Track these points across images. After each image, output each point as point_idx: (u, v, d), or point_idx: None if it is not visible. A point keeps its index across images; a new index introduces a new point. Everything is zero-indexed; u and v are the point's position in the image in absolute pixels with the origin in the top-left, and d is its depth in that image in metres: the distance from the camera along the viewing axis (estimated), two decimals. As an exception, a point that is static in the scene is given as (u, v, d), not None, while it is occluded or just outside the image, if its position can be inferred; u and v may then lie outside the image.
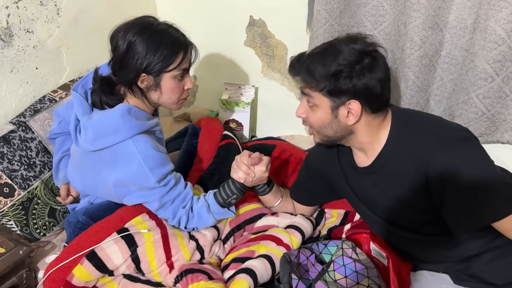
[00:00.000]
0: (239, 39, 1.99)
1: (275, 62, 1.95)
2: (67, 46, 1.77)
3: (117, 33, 1.27)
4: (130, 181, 1.27)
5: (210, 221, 1.35)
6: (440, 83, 1.58)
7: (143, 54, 1.23)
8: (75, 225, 1.38)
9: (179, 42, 1.28)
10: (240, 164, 1.30)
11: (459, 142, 1.05)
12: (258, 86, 2.06)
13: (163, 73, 1.27)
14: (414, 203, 1.13)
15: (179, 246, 1.29)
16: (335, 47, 1.08)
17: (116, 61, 1.27)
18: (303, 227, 1.39)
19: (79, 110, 1.31)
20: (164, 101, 1.33)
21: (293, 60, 1.14)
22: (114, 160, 1.27)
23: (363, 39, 1.09)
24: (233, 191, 1.33)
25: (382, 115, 1.13)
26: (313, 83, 1.09)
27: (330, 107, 1.10)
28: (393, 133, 1.14)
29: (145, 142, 1.27)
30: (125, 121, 1.25)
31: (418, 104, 1.59)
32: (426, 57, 1.50)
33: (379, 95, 1.08)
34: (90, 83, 1.37)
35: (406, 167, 1.11)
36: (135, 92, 1.30)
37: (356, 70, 1.05)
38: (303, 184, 1.45)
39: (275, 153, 1.76)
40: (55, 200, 1.57)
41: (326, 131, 1.15)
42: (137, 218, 1.33)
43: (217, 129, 1.80)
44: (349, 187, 1.29)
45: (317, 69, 1.07)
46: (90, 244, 1.25)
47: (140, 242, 1.26)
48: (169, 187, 1.29)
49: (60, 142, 1.52)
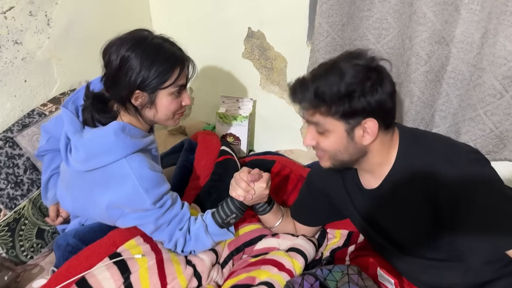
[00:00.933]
0: (237, 51, 1.93)
1: (274, 75, 1.90)
2: (58, 58, 1.70)
3: (110, 47, 1.20)
4: (123, 203, 1.20)
5: (208, 244, 1.29)
6: (445, 98, 1.53)
7: (137, 70, 1.16)
8: (64, 248, 1.31)
9: (175, 57, 1.22)
10: (239, 181, 1.24)
11: (470, 166, 1.00)
12: (256, 99, 2.01)
13: (158, 90, 1.21)
14: (424, 228, 1.08)
15: (175, 273, 1.21)
16: (339, 66, 1.01)
17: (109, 77, 1.21)
18: (306, 250, 1.33)
19: (70, 128, 1.23)
20: (160, 118, 1.27)
21: (295, 86, 1.06)
22: (107, 181, 1.21)
23: (364, 54, 1.04)
24: (232, 210, 1.27)
25: (391, 132, 1.08)
26: (324, 108, 1.02)
27: (345, 130, 1.03)
28: (401, 154, 1.09)
29: (140, 162, 1.20)
30: (118, 140, 1.18)
31: (423, 120, 1.54)
32: (432, 72, 1.45)
33: (391, 109, 1.04)
34: (81, 99, 1.30)
35: (415, 190, 1.06)
36: (129, 109, 1.24)
37: (368, 87, 0.99)
38: (305, 204, 1.39)
39: (275, 169, 1.70)
40: (43, 220, 1.49)
41: (341, 156, 1.08)
42: (130, 241, 1.25)
43: (215, 144, 1.73)
44: (354, 209, 1.23)
45: (326, 92, 1.00)
46: (80, 270, 1.18)
47: (133, 268, 1.19)
48: (165, 209, 1.23)
49: (49, 159, 1.44)
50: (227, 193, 1.28)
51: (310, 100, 1.03)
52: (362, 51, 1.05)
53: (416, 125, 1.54)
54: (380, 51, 1.58)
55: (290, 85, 1.08)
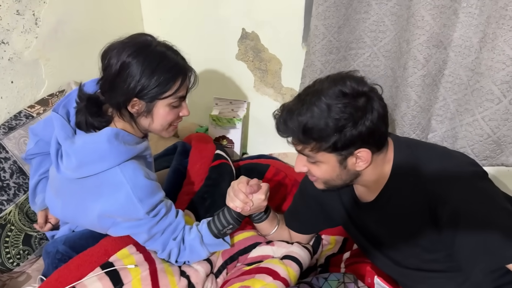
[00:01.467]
0: (231, 53, 1.89)
1: (268, 77, 1.86)
2: (46, 58, 1.65)
3: (110, 51, 1.15)
4: (116, 212, 1.16)
5: (203, 255, 1.25)
6: (443, 103, 1.51)
7: (137, 78, 1.12)
8: (54, 255, 1.27)
9: (177, 67, 1.17)
10: (238, 193, 1.20)
11: (469, 178, 0.98)
12: (250, 101, 1.97)
13: (156, 100, 1.16)
14: (422, 242, 1.06)
15: (169, 285, 1.18)
16: (324, 98, 0.95)
17: (106, 81, 1.16)
18: (301, 258, 1.30)
19: (61, 133, 1.19)
20: (155, 128, 1.23)
21: (280, 120, 1.01)
22: (99, 189, 1.16)
23: (350, 77, 0.98)
24: (229, 221, 1.23)
25: (385, 150, 1.05)
26: (313, 145, 0.98)
27: (338, 161, 1.00)
28: (396, 168, 1.06)
29: (134, 170, 1.16)
30: (112, 147, 1.14)
31: (419, 124, 1.52)
32: (429, 76, 1.43)
33: (383, 133, 1.01)
34: (73, 102, 1.25)
35: (412, 204, 1.03)
36: (123, 115, 1.19)
37: (358, 117, 0.94)
38: (298, 212, 1.36)
39: (269, 174, 1.67)
40: (30, 225, 1.44)
41: (334, 182, 1.06)
42: (123, 250, 1.21)
43: (209, 148, 1.69)
44: (349, 221, 1.21)
45: (315, 129, 0.95)
46: (70, 280, 1.14)
47: (126, 279, 1.15)
48: (159, 218, 1.19)
49: (37, 163, 1.39)
50: (222, 199, 1.25)
51: (298, 137, 0.99)
52: (348, 74, 1.00)
53: (413, 129, 1.52)
54: (376, 54, 1.56)
55: (276, 116, 1.03)
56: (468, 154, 1.44)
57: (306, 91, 1.02)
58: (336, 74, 1.03)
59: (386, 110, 1.00)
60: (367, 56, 1.58)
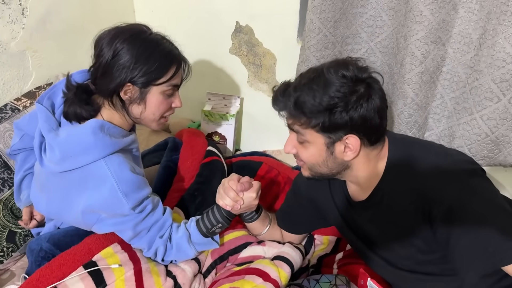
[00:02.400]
0: (224, 46, 1.85)
1: (262, 72, 1.82)
2: (33, 50, 1.60)
3: (104, 37, 1.13)
4: (100, 207, 1.13)
5: (191, 253, 1.22)
6: (440, 101, 1.47)
7: (131, 62, 1.10)
8: (37, 253, 1.23)
9: (173, 55, 1.16)
10: (228, 190, 1.16)
11: (465, 177, 0.95)
12: (244, 97, 1.93)
13: (151, 86, 1.14)
14: (416, 243, 1.02)
15: (154, 286, 1.14)
16: (324, 76, 0.94)
17: (99, 67, 1.13)
18: (292, 259, 1.27)
19: (44, 125, 1.15)
20: (146, 117, 1.19)
21: (277, 93, 1.00)
22: (84, 183, 1.13)
23: (354, 64, 0.96)
24: (218, 220, 1.19)
25: (380, 146, 1.02)
26: (303, 120, 0.96)
27: (325, 143, 0.97)
28: (390, 165, 1.03)
29: (119, 163, 1.12)
30: (97, 139, 1.10)
31: (416, 123, 1.48)
32: (427, 73, 1.39)
33: (377, 126, 0.97)
34: (58, 93, 1.21)
35: (406, 204, 1.00)
36: (115, 104, 1.16)
37: (352, 102, 0.92)
38: (291, 212, 1.32)
39: (261, 171, 1.63)
40: (15, 222, 1.40)
41: (320, 169, 1.03)
42: (107, 249, 1.18)
43: (201, 144, 1.65)
44: (342, 221, 1.18)
45: (307, 104, 0.93)
46: (52, 279, 1.10)
47: (109, 279, 1.11)
48: (145, 214, 1.15)
49: (22, 159, 1.35)
50: (213, 196, 1.21)
51: (289, 110, 0.97)
52: (352, 60, 0.98)
53: (409, 127, 1.48)
54: (373, 49, 1.52)
55: (275, 89, 1.02)
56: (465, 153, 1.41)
57: (308, 70, 1.01)
58: (341, 59, 1.01)
59: (384, 104, 0.97)
60: (364, 52, 1.54)
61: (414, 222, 0.99)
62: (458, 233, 0.93)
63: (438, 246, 0.99)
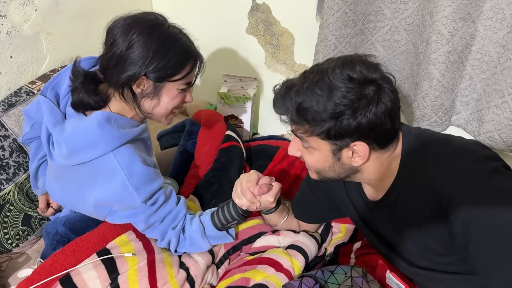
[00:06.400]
0: (241, 26, 1.78)
1: (280, 52, 1.75)
2: (47, 32, 1.58)
3: (119, 26, 1.07)
4: (112, 201, 1.10)
5: (204, 247, 1.19)
6: (469, 82, 1.37)
7: (147, 56, 1.05)
8: (53, 236, 1.24)
9: (190, 51, 1.12)
10: (245, 192, 1.11)
11: (485, 178, 0.86)
12: (261, 78, 1.87)
13: (166, 82, 1.10)
14: (433, 246, 0.96)
15: (167, 277, 1.12)
16: (328, 79, 0.85)
17: (112, 57, 1.07)
18: (307, 248, 1.22)
19: (49, 120, 1.12)
20: (158, 112, 1.16)
21: (277, 96, 0.92)
22: (94, 176, 1.10)
23: (363, 62, 0.87)
24: (233, 217, 1.15)
25: (392, 147, 0.94)
26: (307, 127, 0.89)
27: (331, 150, 0.91)
28: (404, 166, 0.96)
29: (129, 156, 1.09)
30: (103, 132, 1.07)
31: (442, 106, 1.39)
32: (455, 52, 1.30)
33: (388, 130, 0.89)
34: (62, 83, 1.17)
35: (421, 207, 0.93)
36: (126, 96, 1.11)
37: (360, 107, 0.84)
38: (306, 202, 1.26)
39: (278, 156, 1.58)
40: (30, 206, 1.41)
41: (327, 174, 0.97)
42: (121, 237, 1.16)
43: (219, 128, 1.60)
44: (358, 217, 1.12)
45: (310, 110, 0.86)
46: (65, 265, 1.10)
47: (122, 269, 1.10)
48: (157, 206, 1.12)
49: (35, 147, 1.33)
50: (229, 184, 1.19)
51: (291, 116, 0.90)
52: (361, 57, 0.89)
53: (435, 111, 1.40)
54: (397, 27, 1.42)
55: (275, 90, 0.94)
56: (495, 139, 1.31)
57: (312, 68, 0.92)
58: (348, 56, 0.92)
59: (396, 105, 0.89)
60: (387, 30, 1.44)
61: (431, 226, 0.93)
62: (478, 239, 0.85)
63: (457, 250, 0.92)
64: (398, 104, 0.89)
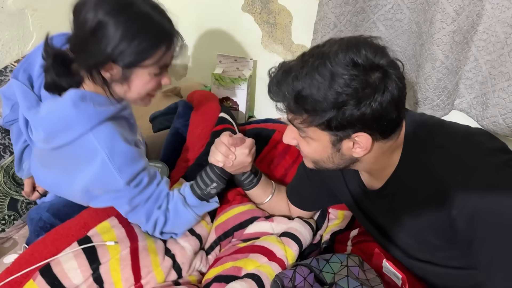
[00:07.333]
0: (236, 3, 1.70)
1: (277, 32, 1.68)
2: (33, 8, 1.52)
3: (85, 5, 0.98)
4: (93, 184, 1.05)
5: (190, 217, 1.14)
6: (474, 64, 1.31)
7: (115, 41, 0.96)
8: (36, 223, 1.20)
9: (162, 31, 1.02)
10: (219, 145, 1.10)
11: (495, 172, 0.81)
12: (257, 59, 1.80)
13: (135, 67, 1.02)
14: (434, 241, 0.91)
15: (151, 265, 1.08)
16: (330, 64, 0.78)
17: (78, 40, 1.00)
18: (301, 236, 1.18)
19: (23, 104, 1.06)
20: (131, 97, 1.09)
21: (273, 81, 0.85)
22: (76, 159, 1.05)
23: (368, 45, 0.80)
24: (212, 179, 1.13)
25: (395, 136, 0.89)
26: (305, 117, 0.83)
27: (330, 141, 0.85)
28: (407, 155, 0.91)
29: (109, 134, 1.03)
30: (79, 111, 1.01)
31: (445, 89, 1.33)
32: (460, 32, 1.23)
33: (393, 119, 0.83)
34: (34, 65, 1.11)
35: (423, 199, 0.88)
36: (95, 79, 1.04)
37: (364, 97, 0.78)
38: (302, 188, 1.22)
39: (274, 140, 1.52)
40: (17, 189, 1.37)
41: (324, 164, 0.92)
42: (103, 223, 1.12)
43: (213, 109, 1.54)
44: (355, 205, 1.08)
45: (309, 99, 0.79)
46: (45, 255, 1.05)
47: (103, 258, 1.06)
48: (141, 188, 1.08)
49: (17, 129, 1.26)
50: None
51: (288, 104, 0.84)
52: (366, 39, 0.82)
53: (437, 94, 1.34)
54: (400, 5, 1.35)
55: (271, 74, 0.87)
56: (499, 124, 1.26)
57: (312, 51, 0.85)
58: (352, 37, 0.84)
59: (403, 93, 0.83)
60: (389, 8, 1.37)
61: (432, 219, 0.88)
62: (484, 237, 0.81)
63: (459, 245, 0.88)
64: (404, 92, 0.83)
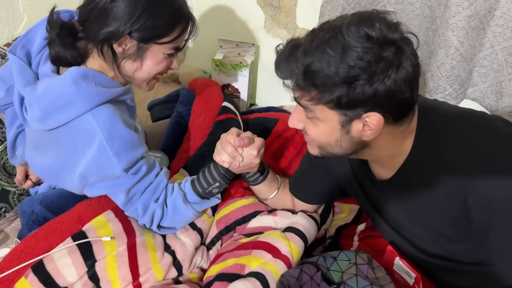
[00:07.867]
0: (238, -16, 1.64)
1: (281, 15, 1.61)
2: (23, -11, 1.44)
3: None
4: (89, 169, 1.00)
5: (189, 214, 1.10)
6: (489, 51, 1.25)
7: (136, 12, 0.96)
8: (29, 216, 1.16)
9: (182, 12, 1.03)
10: (226, 145, 1.05)
11: None
12: (260, 44, 1.74)
13: (153, 44, 1.01)
14: (446, 232, 0.88)
15: (150, 262, 1.03)
16: (342, 37, 0.74)
17: (93, 9, 0.97)
18: (306, 230, 1.13)
19: (19, 80, 1.01)
20: (139, 76, 1.06)
21: (281, 56, 0.81)
22: (73, 141, 1.01)
23: (381, 19, 0.75)
24: (215, 178, 1.08)
25: (407, 121, 0.84)
26: (314, 94, 0.77)
27: (339, 122, 0.80)
28: (420, 141, 0.86)
29: (109, 116, 0.99)
30: (79, 89, 0.97)
31: (458, 77, 1.27)
32: (476, 17, 1.17)
33: (406, 100, 0.78)
34: (33, 40, 1.06)
35: (437, 189, 0.85)
36: (105, 54, 1.01)
37: (378, 72, 0.73)
38: (306, 180, 1.17)
39: (277, 130, 1.47)
40: (8, 180, 1.32)
41: (331, 149, 0.86)
42: (99, 217, 1.07)
43: (216, 98, 1.49)
44: (364, 197, 1.04)
45: (319, 74, 0.74)
46: (37, 251, 1.00)
47: (99, 255, 1.01)
48: (139, 176, 1.03)
49: (12, 114, 1.22)
50: None
51: (296, 80, 0.78)
52: (380, 13, 0.77)
53: (450, 83, 1.28)
54: (411, -12, 1.28)
55: (279, 51, 0.83)
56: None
57: (322, 25, 0.80)
58: (364, 11, 0.80)
59: (417, 72, 0.78)
60: (401, -9, 1.31)
61: (446, 210, 0.85)
62: (501, 227, 0.78)
63: (473, 237, 0.84)
64: (419, 71, 0.78)
